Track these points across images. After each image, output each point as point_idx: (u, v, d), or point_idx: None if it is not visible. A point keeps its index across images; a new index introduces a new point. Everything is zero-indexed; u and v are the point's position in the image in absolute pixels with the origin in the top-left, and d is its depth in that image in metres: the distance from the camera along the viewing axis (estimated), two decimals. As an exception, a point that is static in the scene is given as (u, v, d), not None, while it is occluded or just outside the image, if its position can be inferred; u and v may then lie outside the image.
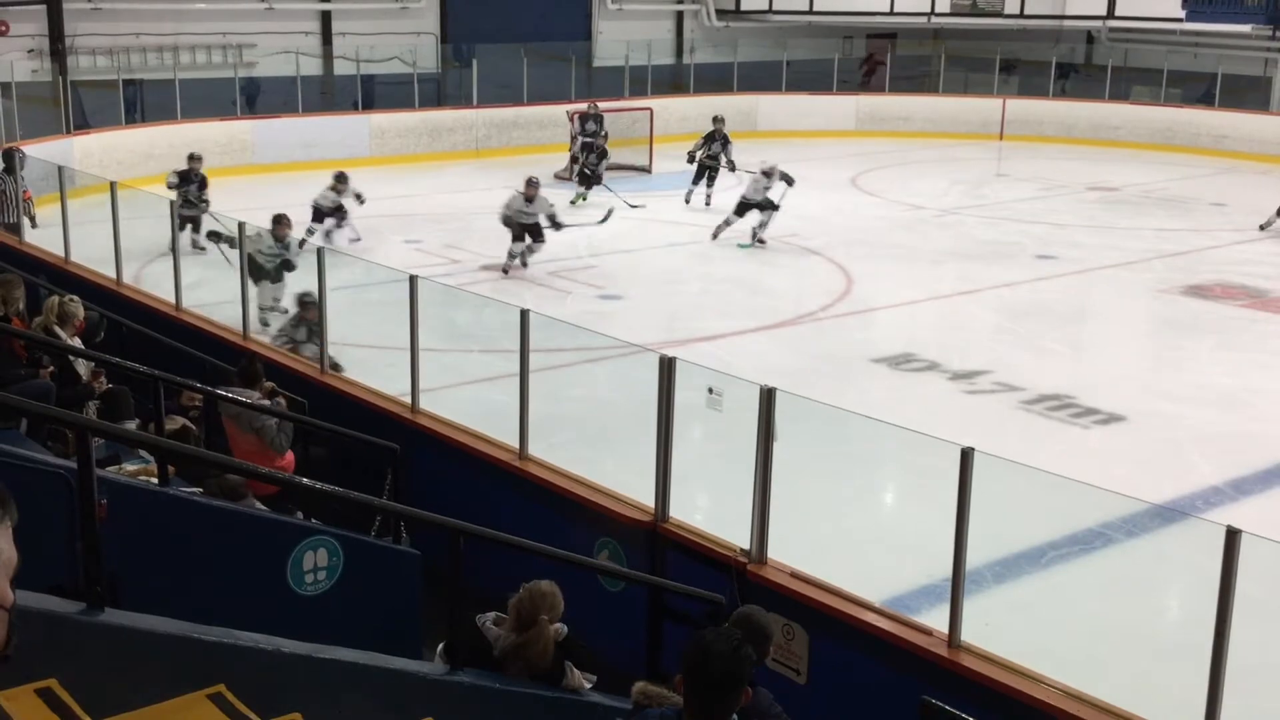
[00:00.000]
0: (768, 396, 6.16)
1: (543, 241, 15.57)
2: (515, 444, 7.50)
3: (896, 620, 5.80)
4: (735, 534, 6.40)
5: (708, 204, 20.07)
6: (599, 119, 23.45)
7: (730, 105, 28.66)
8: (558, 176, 23.26)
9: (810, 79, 29.87)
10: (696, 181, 20.62)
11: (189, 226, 15.01)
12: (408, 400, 8.23)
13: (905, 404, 11.03)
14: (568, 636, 5.01)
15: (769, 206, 17.19)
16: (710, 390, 7.64)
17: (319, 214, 16.03)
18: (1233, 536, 4.62)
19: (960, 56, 31.28)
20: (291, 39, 24.43)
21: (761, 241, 17.25)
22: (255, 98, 23.96)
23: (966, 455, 5.41)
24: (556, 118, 25.06)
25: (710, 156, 20.57)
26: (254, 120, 22.87)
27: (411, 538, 6.59)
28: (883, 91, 30.34)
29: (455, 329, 11.94)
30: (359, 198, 16.40)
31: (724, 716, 3.37)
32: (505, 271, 15.36)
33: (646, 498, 6.77)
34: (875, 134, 28.79)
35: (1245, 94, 27.92)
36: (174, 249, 10.85)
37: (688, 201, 20.37)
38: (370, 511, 6.66)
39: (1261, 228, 18.89)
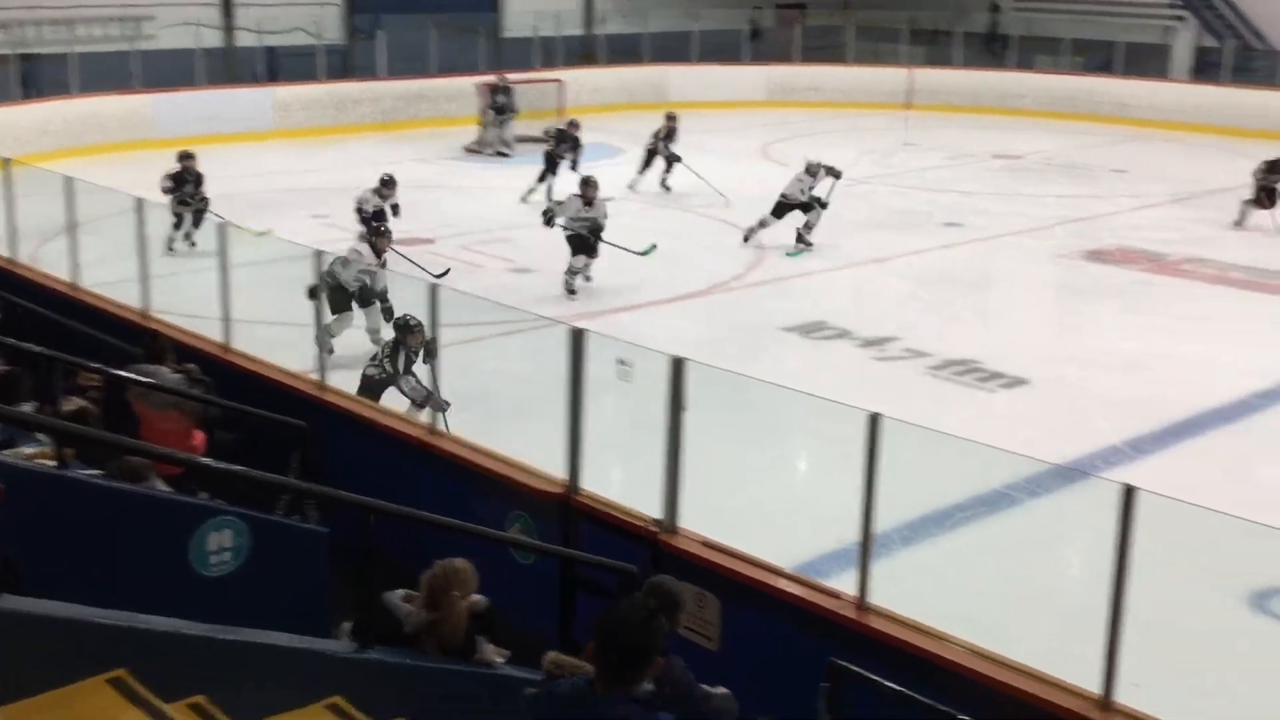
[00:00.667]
0: (676, 366, 6.17)
1: (596, 255, 13.88)
2: (426, 419, 7.44)
3: (806, 585, 5.86)
4: (649, 504, 6.42)
5: (667, 189, 19.55)
6: (508, 91, 23.31)
7: (641, 76, 28.67)
8: (468, 149, 23.11)
9: (720, 49, 29.90)
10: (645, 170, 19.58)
11: (190, 223, 14.79)
12: (315, 377, 8.13)
13: (817, 372, 11.14)
14: (487, 608, 5.00)
15: (815, 205, 15.81)
16: (620, 362, 7.66)
17: (366, 219, 14.38)
18: (1129, 494, 4.72)
19: (870, 27, 31.52)
20: (191, 11, 23.92)
21: (808, 244, 15.79)
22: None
23: (873, 421, 5.46)
24: (465, 90, 24.85)
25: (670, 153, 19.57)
26: (154, 94, 22.36)
27: (322, 516, 6.52)
28: (792, 61, 30.45)
29: (365, 304, 11.79)
30: (395, 209, 14.54)
31: (634, 685, 3.39)
32: (572, 292, 13.65)
33: (560, 470, 6.77)
34: (786, 104, 28.93)
35: (1146, 62, 28.47)
36: (71, 227, 10.59)
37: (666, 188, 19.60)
38: (278, 490, 6.57)
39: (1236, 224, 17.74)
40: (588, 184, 13.89)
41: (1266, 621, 7.14)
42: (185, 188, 15.06)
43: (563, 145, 18.77)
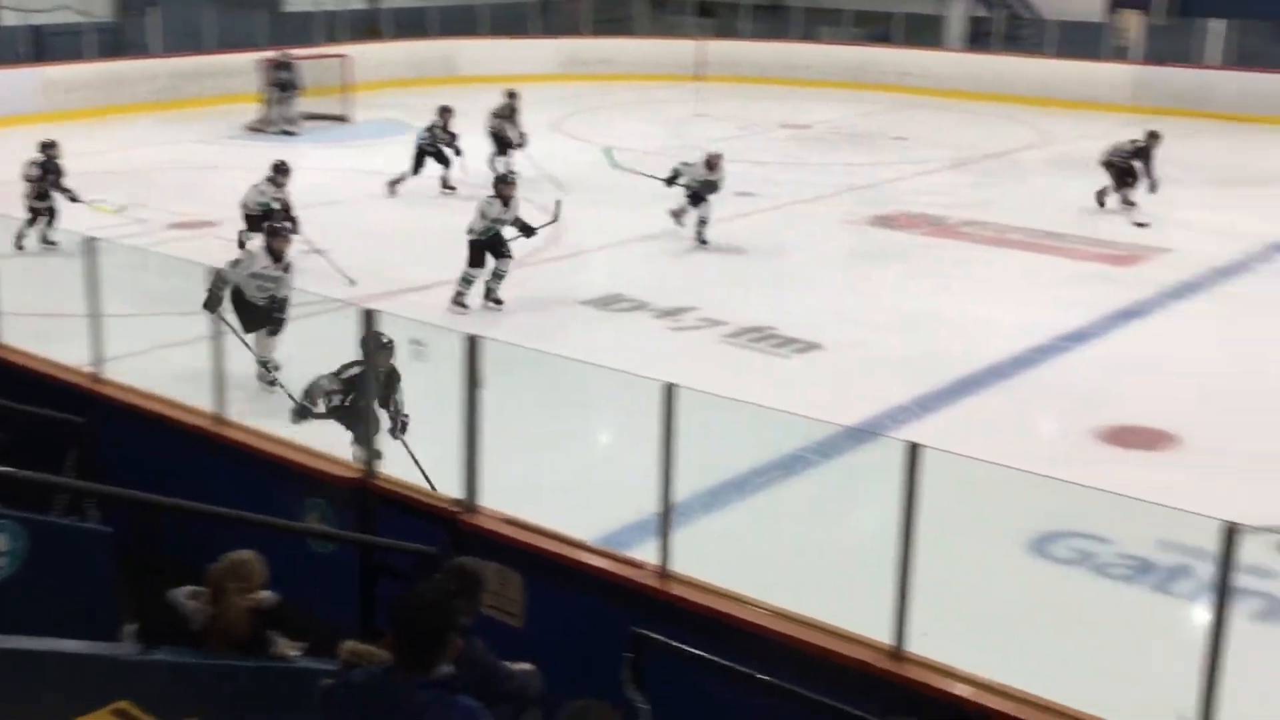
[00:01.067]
0: (472, 344, 6.11)
1: (510, 258, 12.46)
2: (212, 409, 7.18)
3: (609, 557, 5.90)
4: (452, 485, 6.35)
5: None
6: (291, 67, 22.69)
7: (429, 50, 28.25)
8: (251, 128, 22.42)
9: (509, 22, 29.68)
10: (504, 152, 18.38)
11: (44, 221, 13.65)
12: (91, 370, 7.76)
13: (615, 344, 11.21)
14: (277, 604, 4.86)
15: (698, 198, 14.92)
16: (414, 341, 7.55)
17: (253, 221, 13.10)
18: (913, 451, 4.88)
19: (660, -1, 31.77)
20: (-56, -13, 22.50)
21: (704, 242, 14.95)
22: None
23: (669, 391, 5.51)
24: (246, 67, 24.00)
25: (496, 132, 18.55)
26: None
27: (104, 515, 6.24)
28: (582, 34, 30.45)
29: (143, 292, 11.30)
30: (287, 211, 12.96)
31: (432, 668, 3.34)
32: (464, 306, 12.26)
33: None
34: (577, 77, 28.89)
35: (923, 32, 29.49)
36: None
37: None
38: (55, 490, 6.26)
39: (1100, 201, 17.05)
40: (505, 181, 12.59)
41: (1045, 564, 7.51)
42: (48, 178, 13.97)
43: (438, 134, 17.46)
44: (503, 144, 18.50)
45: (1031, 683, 4.84)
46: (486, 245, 12.28)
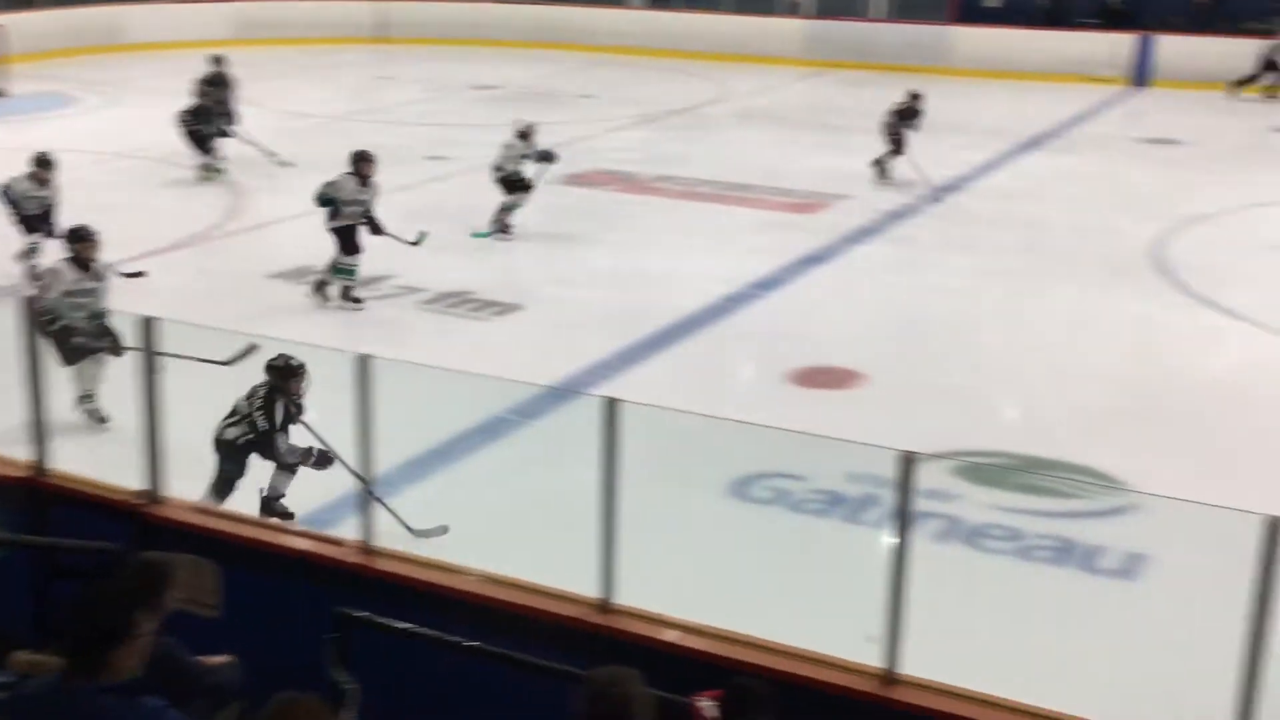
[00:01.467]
0: (147, 326, 5.77)
1: (360, 251, 11.39)
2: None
3: (310, 537, 5.73)
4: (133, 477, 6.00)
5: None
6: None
7: (90, 18, 26.57)
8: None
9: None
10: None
11: None
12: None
13: (309, 316, 10.87)
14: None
15: (521, 187, 13.76)
16: (83, 326, 7.06)
17: (26, 219, 11.52)
18: (611, 405, 4.91)
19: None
20: None
21: (505, 229, 13.77)
22: None
23: (363, 362, 5.36)
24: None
25: (218, 102, 17.06)
26: None
27: None
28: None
29: None
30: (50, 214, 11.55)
31: (109, 672, 3.16)
32: (359, 300, 11.35)
33: (23, 451, 6.17)
34: (253, 42, 27.70)
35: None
36: None
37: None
38: None
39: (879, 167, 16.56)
40: (365, 159, 11.50)
41: (745, 506, 7.75)
42: None
43: (184, 116, 16.06)
44: (229, 116, 17.24)
45: (736, 621, 4.98)
46: (348, 231, 11.31)
